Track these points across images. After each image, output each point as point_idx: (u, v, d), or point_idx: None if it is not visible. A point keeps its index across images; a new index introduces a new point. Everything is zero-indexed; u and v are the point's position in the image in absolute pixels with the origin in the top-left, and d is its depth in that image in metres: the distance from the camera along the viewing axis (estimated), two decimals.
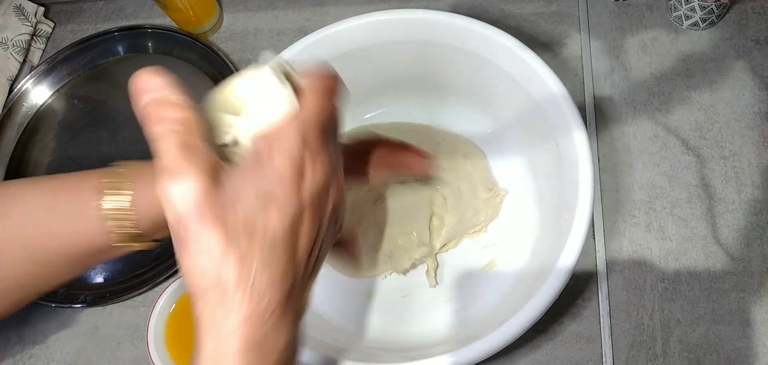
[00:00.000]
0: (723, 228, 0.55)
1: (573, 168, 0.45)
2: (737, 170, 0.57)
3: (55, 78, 0.75)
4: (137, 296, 0.61)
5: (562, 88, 0.47)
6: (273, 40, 0.72)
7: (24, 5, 0.75)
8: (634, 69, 0.63)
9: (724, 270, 0.53)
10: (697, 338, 0.51)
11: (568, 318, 0.54)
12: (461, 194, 0.54)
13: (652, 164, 0.58)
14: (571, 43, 0.66)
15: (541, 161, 0.53)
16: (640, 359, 0.51)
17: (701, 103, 0.60)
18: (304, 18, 0.73)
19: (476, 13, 0.68)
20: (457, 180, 0.54)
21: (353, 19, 0.54)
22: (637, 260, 0.55)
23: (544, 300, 0.41)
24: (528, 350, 0.53)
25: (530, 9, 0.68)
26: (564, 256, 0.42)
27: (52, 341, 0.60)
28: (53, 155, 0.71)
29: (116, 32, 0.75)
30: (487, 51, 0.52)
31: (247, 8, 0.75)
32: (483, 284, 0.53)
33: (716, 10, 0.61)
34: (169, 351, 0.55)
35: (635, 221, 0.56)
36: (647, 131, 0.60)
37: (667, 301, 0.53)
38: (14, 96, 0.73)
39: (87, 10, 0.79)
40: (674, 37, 0.64)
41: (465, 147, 0.57)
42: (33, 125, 0.73)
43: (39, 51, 0.77)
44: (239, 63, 0.71)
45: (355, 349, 0.49)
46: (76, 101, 0.74)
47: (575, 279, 0.55)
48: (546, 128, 0.49)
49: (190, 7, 0.69)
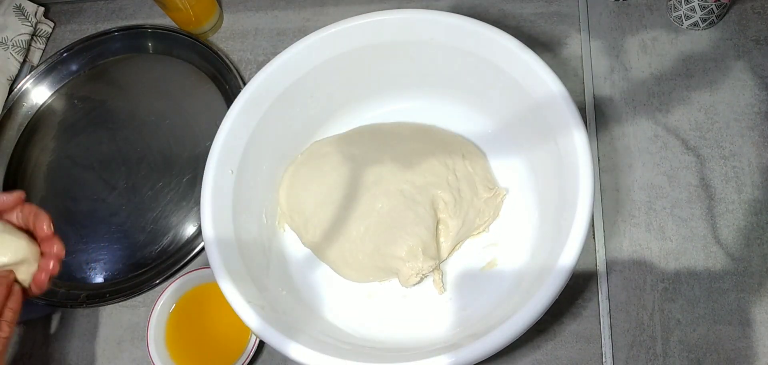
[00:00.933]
0: (723, 228, 0.55)
1: (573, 168, 0.45)
2: (737, 170, 0.57)
3: (55, 78, 0.75)
4: (137, 296, 0.61)
5: (562, 89, 0.47)
6: (273, 40, 0.72)
7: (24, 5, 0.75)
8: (634, 69, 0.63)
9: (724, 270, 0.53)
10: (697, 338, 0.51)
11: (568, 318, 0.54)
12: (462, 195, 0.54)
13: (652, 164, 0.58)
14: (571, 43, 0.66)
15: (541, 161, 0.53)
16: (640, 359, 0.51)
17: (701, 103, 0.60)
18: (304, 18, 0.73)
19: (476, 13, 0.68)
20: (457, 181, 0.54)
21: (353, 19, 0.54)
22: (637, 260, 0.55)
23: (544, 300, 0.41)
24: (528, 350, 0.53)
25: (530, 9, 0.68)
26: (564, 256, 0.42)
27: (52, 341, 0.61)
28: (53, 155, 0.71)
29: (116, 32, 0.75)
30: (487, 51, 0.52)
31: (247, 8, 0.75)
32: (483, 284, 0.53)
33: (716, 10, 0.61)
34: (169, 351, 0.55)
35: (635, 221, 0.56)
36: (647, 131, 0.60)
37: (667, 301, 0.53)
38: (14, 96, 0.73)
39: (87, 10, 0.80)
40: (674, 37, 0.64)
41: (465, 147, 0.57)
42: (33, 125, 0.73)
43: (39, 51, 0.77)
44: (239, 63, 0.71)
45: (355, 349, 0.49)
46: (76, 101, 0.74)
47: (575, 278, 0.55)
48: (546, 128, 0.49)
49: (190, 7, 0.69)
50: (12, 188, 0.69)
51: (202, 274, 0.57)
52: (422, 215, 0.52)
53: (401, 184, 0.54)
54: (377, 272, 0.54)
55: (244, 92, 0.53)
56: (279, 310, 0.48)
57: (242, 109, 0.53)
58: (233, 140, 0.52)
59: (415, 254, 0.51)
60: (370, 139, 0.59)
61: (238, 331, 0.55)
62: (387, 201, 0.53)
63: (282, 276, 0.55)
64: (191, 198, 0.65)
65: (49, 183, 0.69)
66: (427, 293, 0.54)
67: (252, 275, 0.49)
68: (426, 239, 0.52)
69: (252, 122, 0.54)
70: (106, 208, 0.66)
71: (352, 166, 0.56)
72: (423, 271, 0.51)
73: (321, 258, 0.56)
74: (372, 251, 0.53)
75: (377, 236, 0.53)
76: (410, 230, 0.52)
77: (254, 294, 0.47)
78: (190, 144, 0.68)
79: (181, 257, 0.61)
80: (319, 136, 0.62)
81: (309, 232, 0.55)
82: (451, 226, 0.53)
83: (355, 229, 0.53)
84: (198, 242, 0.61)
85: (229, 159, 0.52)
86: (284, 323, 0.45)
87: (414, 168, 0.55)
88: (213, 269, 0.46)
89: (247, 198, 0.54)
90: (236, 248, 0.49)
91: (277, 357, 0.56)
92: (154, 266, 0.62)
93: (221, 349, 0.55)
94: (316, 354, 0.42)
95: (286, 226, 0.58)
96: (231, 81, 0.68)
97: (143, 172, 0.67)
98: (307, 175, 0.57)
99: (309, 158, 0.59)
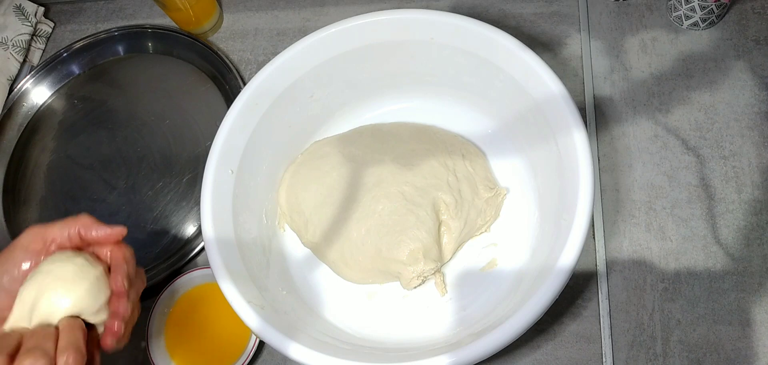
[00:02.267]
0: (723, 228, 0.55)
1: (573, 168, 0.45)
2: (737, 170, 0.57)
3: (55, 78, 0.75)
4: None
5: (562, 88, 0.47)
6: (273, 40, 0.72)
7: (24, 5, 0.75)
8: (634, 69, 0.63)
9: (724, 270, 0.53)
10: (697, 338, 0.51)
11: (568, 318, 0.54)
12: (463, 196, 0.54)
13: (652, 164, 0.58)
14: (571, 43, 0.66)
15: (541, 161, 0.53)
16: (640, 359, 0.51)
17: (701, 103, 0.60)
18: (304, 18, 0.73)
19: (476, 13, 0.68)
20: (458, 182, 0.54)
21: (353, 20, 0.54)
22: (637, 260, 0.55)
23: (544, 300, 0.41)
24: (528, 350, 0.53)
25: (530, 9, 0.68)
26: (564, 256, 0.42)
27: None
28: (53, 155, 0.71)
29: (116, 32, 0.75)
30: (487, 51, 0.52)
31: (247, 8, 0.75)
32: (483, 284, 0.53)
33: (716, 10, 0.61)
34: (169, 351, 0.55)
35: (635, 221, 0.56)
36: (647, 131, 0.60)
37: (667, 301, 0.53)
38: (14, 96, 0.73)
39: (87, 10, 0.80)
40: (674, 37, 0.64)
41: (464, 147, 0.57)
42: (33, 125, 0.73)
43: (39, 51, 0.77)
44: (239, 63, 0.71)
45: (355, 349, 0.49)
46: (76, 101, 0.74)
47: (575, 278, 0.55)
48: (546, 128, 0.49)
49: (190, 7, 0.69)
50: (12, 188, 0.69)
51: (202, 274, 0.57)
52: (423, 218, 0.52)
53: (402, 185, 0.54)
54: (378, 275, 0.54)
55: (244, 91, 0.53)
56: (279, 310, 0.48)
57: (242, 109, 0.53)
58: (233, 140, 0.52)
59: (417, 258, 0.51)
60: (370, 139, 0.59)
61: (238, 331, 0.55)
62: (388, 203, 0.53)
63: (282, 276, 0.55)
64: (191, 198, 0.65)
65: (49, 183, 0.69)
66: (427, 293, 0.54)
67: (252, 275, 0.49)
68: (427, 242, 0.51)
69: (252, 122, 0.54)
70: (106, 208, 0.66)
71: (352, 166, 0.56)
72: (424, 274, 0.51)
73: (321, 259, 0.56)
74: (373, 254, 0.53)
75: (378, 239, 0.52)
76: (412, 233, 0.52)
77: (254, 294, 0.47)
78: (190, 144, 0.68)
79: (181, 257, 0.61)
80: (319, 136, 0.62)
81: (309, 232, 0.55)
82: (453, 227, 0.53)
83: (356, 231, 0.53)
84: (198, 242, 0.61)
85: (229, 159, 0.52)
86: (284, 323, 0.45)
87: (414, 169, 0.55)
88: (213, 269, 0.46)
89: (247, 198, 0.54)
90: (236, 248, 0.49)
91: (277, 357, 0.56)
92: (155, 266, 0.62)
93: (221, 349, 0.55)
94: (316, 354, 0.42)
95: (286, 226, 0.58)
96: (231, 81, 0.68)
97: (143, 172, 0.67)
98: (307, 175, 0.57)
99: (309, 158, 0.59)
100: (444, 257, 0.54)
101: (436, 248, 0.52)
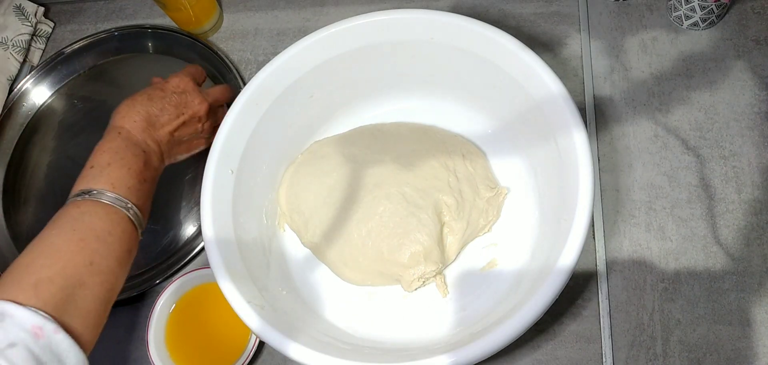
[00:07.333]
0: (723, 228, 0.55)
1: (573, 168, 0.45)
2: (737, 170, 0.57)
3: (55, 78, 0.75)
4: (137, 296, 0.61)
5: (562, 89, 0.47)
6: (273, 40, 0.72)
7: (24, 5, 0.75)
8: (634, 69, 0.63)
9: (724, 270, 0.53)
10: (697, 338, 0.51)
11: (568, 318, 0.54)
12: (464, 196, 0.54)
13: (652, 164, 0.58)
14: (571, 43, 0.66)
15: (541, 161, 0.53)
16: (640, 359, 0.51)
17: (701, 103, 0.60)
18: (304, 18, 0.73)
19: (476, 13, 0.68)
20: (458, 183, 0.54)
21: (353, 20, 0.54)
22: (637, 260, 0.55)
23: (544, 300, 0.41)
24: (528, 350, 0.53)
25: (530, 9, 0.68)
26: (564, 256, 0.42)
27: None
28: (53, 155, 0.71)
29: (116, 32, 0.75)
30: (487, 51, 0.52)
31: (247, 8, 0.75)
32: (483, 284, 0.53)
33: (716, 10, 0.61)
34: (169, 351, 0.55)
35: (635, 221, 0.56)
36: (647, 131, 0.60)
37: (667, 301, 0.53)
38: (14, 96, 0.73)
39: (87, 10, 0.80)
40: (674, 37, 0.64)
41: (465, 147, 0.57)
42: (33, 125, 0.73)
43: (39, 51, 0.77)
44: (239, 63, 0.71)
45: (355, 349, 0.49)
46: (76, 101, 0.74)
47: (575, 278, 0.55)
48: (546, 128, 0.49)
49: (190, 7, 0.69)
50: (12, 189, 0.69)
51: (202, 274, 0.57)
52: (425, 220, 0.52)
53: (402, 186, 0.53)
54: (378, 277, 0.54)
55: (244, 92, 0.53)
56: (279, 310, 0.48)
57: (242, 109, 0.53)
58: (233, 139, 0.52)
59: (418, 261, 0.51)
60: (370, 139, 0.59)
61: (238, 331, 0.55)
62: (389, 205, 0.53)
63: (282, 276, 0.55)
64: (191, 198, 0.65)
65: (49, 183, 0.69)
66: (427, 293, 0.54)
67: (252, 275, 0.49)
68: (428, 245, 0.51)
69: (252, 122, 0.54)
70: None
71: (352, 167, 0.56)
72: (426, 276, 0.51)
73: (321, 259, 0.56)
74: (374, 257, 0.53)
75: (379, 241, 0.52)
76: (413, 236, 0.52)
77: (254, 294, 0.47)
78: None
79: (181, 257, 0.61)
80: (319, 136, 0.62)
81: (309, 232, 0.55)
82: (456, 229, 0.53)
83: (356, 232, 0.53)
84: (198, 242, 0.61)
85: (229, 159, 0.52)
86: (284, 323, 0.45)
87: (415, 170, 0.54)
88: (213, 269, 0.46)
89: (247, 198, 0.54)
90: (236, 248, 0.49)
91: (277, 357, 0.56)
92: (154, 266, 0.62)
93: (221, 349, 0.55)
94: (316, 354, 0.42)
95: (286, 226, 0.58)
96: (231, 81, 0.68)
97: None
98: (307, 175, 0.57)
99: (309, 158, 0.59)
100: (448, 258, 0.53)
101: (437, 251, 0.52)
